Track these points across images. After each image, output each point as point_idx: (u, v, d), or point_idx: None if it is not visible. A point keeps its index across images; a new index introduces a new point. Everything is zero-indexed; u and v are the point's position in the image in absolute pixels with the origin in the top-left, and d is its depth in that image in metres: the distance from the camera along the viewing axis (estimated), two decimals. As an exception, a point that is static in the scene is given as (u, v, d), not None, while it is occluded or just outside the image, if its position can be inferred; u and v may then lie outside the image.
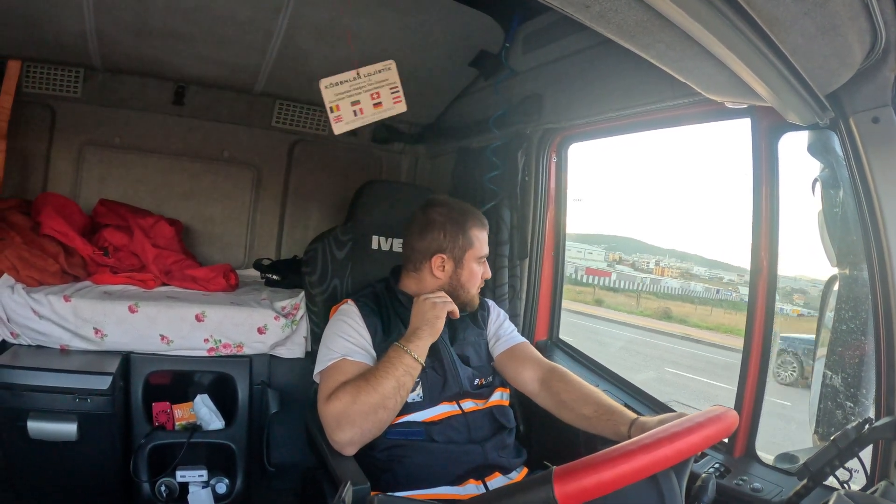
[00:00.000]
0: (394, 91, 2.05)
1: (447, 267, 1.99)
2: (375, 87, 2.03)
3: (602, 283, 37.56)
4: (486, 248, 2.04)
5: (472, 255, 1.99)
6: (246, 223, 3.65)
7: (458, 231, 1.98)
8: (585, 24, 1.09)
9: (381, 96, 2.04)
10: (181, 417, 2.52)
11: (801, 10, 1.08)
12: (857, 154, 1.53)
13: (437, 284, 2.01)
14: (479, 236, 2.01)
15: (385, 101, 2.04)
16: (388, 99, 2.05)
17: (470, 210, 2.04)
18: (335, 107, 2.00)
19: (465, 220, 1.99)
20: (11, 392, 2.17)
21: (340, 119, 2.01)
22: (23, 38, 2.65)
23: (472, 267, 2.00)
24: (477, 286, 2.04)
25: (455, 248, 1.98)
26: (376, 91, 2.03)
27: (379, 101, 2.04)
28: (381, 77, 2.03)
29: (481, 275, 2.04)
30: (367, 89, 2.02)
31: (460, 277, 2.00)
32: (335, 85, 2.00)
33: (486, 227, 2.06)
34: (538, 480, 0.91)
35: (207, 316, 2.54)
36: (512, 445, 1.93)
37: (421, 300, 1.91)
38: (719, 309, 30.14)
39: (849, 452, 1.34)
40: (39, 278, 2.48)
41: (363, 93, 2.02)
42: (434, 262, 1.99)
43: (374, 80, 2.03)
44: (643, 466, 0.97)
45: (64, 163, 3.19)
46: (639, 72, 2.04)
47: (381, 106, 2.04)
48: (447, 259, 1.98)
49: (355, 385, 1.69)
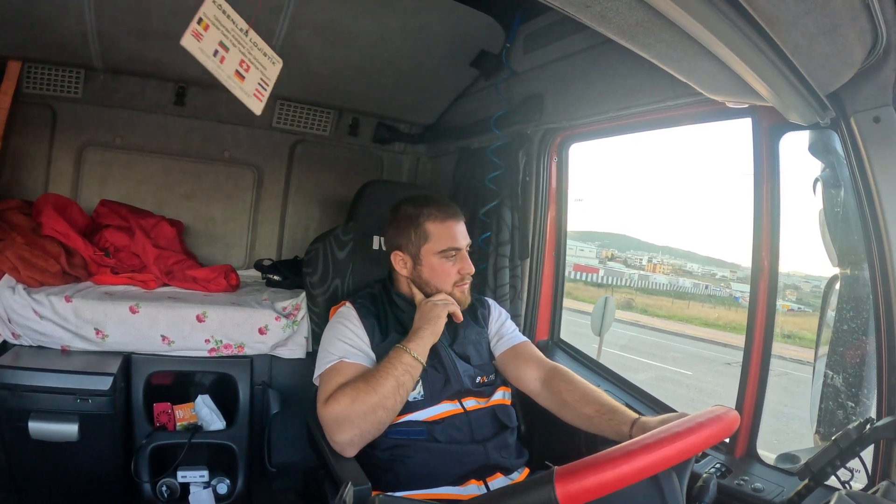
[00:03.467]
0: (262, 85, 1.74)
1: (407, 264, 1.99)
2: (251, 60, 1.71)
3: (590, 279, 37.68)
4: (450, 242, 1.95)
5: (429, 250, 1.94)
6: (247, 223, 3.66)
7: (409, 226, 1.95)
8: (586, 24, 1.09)
9: (249, 72, 1.70)
10: (182, 418, 2.52)
11: (801, 10, 1.08)
12: (858, 154, 1.53)
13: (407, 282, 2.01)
14: (438, 229, 1.94)
15: (247, 81, 1.70)
16: (252, 83, 1.72)
17: (431, 203, 1.98)
18: (204, 24, 1.56)
19: (418, 215, 1.95)
20: (13, 392, 2.17)
21: (197, 37, 1.55)
22: (24, 39, 2.65)
23: (431, 261, 1.95)
24: (451, 283, 1.97)
25: (409, 243, 1.96)
26: (247, 62, 1.69)
27: (241, 74, 1.68)
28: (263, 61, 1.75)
29: (458, 270, 1.97)
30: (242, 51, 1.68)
31: (422, 274, 1.97)
32: (222, 11, 1.61)
33: (453, 218, 1.98)
34: (539, 480, 0.91)
35: (208, 316, 2.54)
36: (514, 445, 1.93)
37: (424, 302, 1.91)
38: (697, 303, 30.44)
39: (850, 452, 1.34)
40: (40, 279, 2.48)
41: (237, 49, 1.66)
42: (394, 259, 2.00)
43: (255, 55, 1.72)
44: (645, 466, 0.97)
45: (65, 163, 3.19)
46: (640, 72, 2.04)
47: (240, 79, 1.68)
48: (404, 255, 1.98)
49: (354, 386, 1.68)
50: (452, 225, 1.96)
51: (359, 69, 2.92)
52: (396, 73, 2.99)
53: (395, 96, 3.36)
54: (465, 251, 1.99)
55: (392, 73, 2.99)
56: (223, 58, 1.64)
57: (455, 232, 1.96)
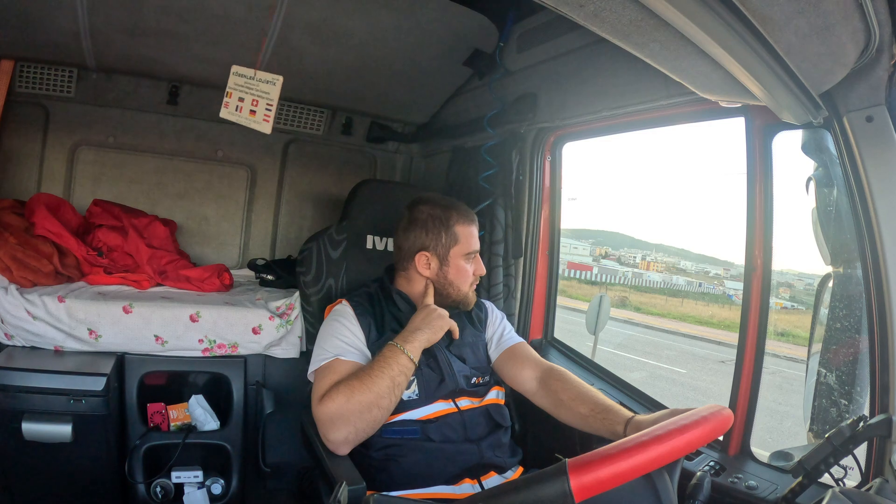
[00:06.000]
0: (268, 108, 2.01)
1: (432, 265, 1.99)
2: (258, 95, 2.01)
3: (584, 276, 37.78)
4: (474, 244, 2.02)
5: (457, 252, 1.99)
6: (240, 223, 3.65)
7: (440, 228, 1.97)
8: (579, 23, 1.09)
9: (258, 106, 2.01)
10: (176, 418, 2.52)
11: (794, 10, 1.08)
12: (851, 153, 1.54)
13: (424, 283, 2.02)
14: (465, 232, 2.00)
15: (258, 113, 2.02)
16: (261, 113, 2.02)
17: (455, 206, 2.02)
18: (229, 93, 2.03)
19: (448, 217, 1.98)
20: (6, 393, 2.17)
21: (227, 106, 2.03)
22: (16, 38, 2.63)
23: (458, 264, 1.99)
24: (469, 283, 2.03)
25: (438, 245, 1.98)
26: (256, 99, 2.01)
27: (254, 110, 2.02)
28: (265, 88, 2.01)
29: (473, 271, 2.03)
30: (253, 93, 2.02)
31: (447, 275, 1.99)
32: (239, 75, 2.03)
33: (474, 222, 2.04)
34: (552, 472, 0.91)
35: (202, 316, 2.54)
36: (507, 444, 1.93)
37: (431, 308, 1.91)
38: (691, 301, 30.62)
39: (843, 450, 1.35)
40: (33, 279, 2.47)
41: (249, 94, 2.02)
42: (419, 260, 2.00)
43: (260, 88, 2.02)
44: (657, 457, 0.98)
45: (57, 163, 3.18)
46: (633, 71, 2.04)
47: (253, 115, 2.02)
48: (431, 257, 1.99)
49: (349, 384, 1.68)
50: (474, 229, 2.04)
51: (352, 68, 2.92)
52: (390, 72, 2.98)
53: (388, 95, 3.35)
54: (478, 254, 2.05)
55: (385, 72, 2.98)
56: (241, 108, 2.02)
57: (476, 235, 2.04)
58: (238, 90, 1.98)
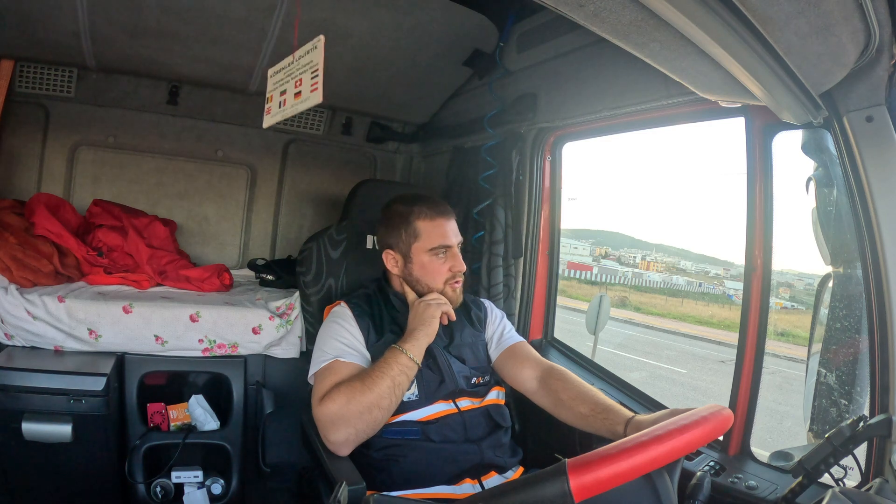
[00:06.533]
0: (314, 76, 1.62)
1: (398, 262, 1.99)
2: (301, 72, 1.67)
3: (584, 276, 37.80)
4: (439, 240, 1.95)
5: (419, 248, 1.95)
6: (240, 223, 3.65)
7: (400, 224, 1.96)
8: (580, 23, 1.09)
9: (302, 83, 1.66)
10: (176, 418, 2.52)
11: (794, 10, 1.08)
12: (851, 153, 1.54)
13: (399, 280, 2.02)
14: (428, 227, 1.95)
15: (304, 90, 1.65)
16: (308, 86, 1.65)
17: (420, 200, 1.99)
18: (270, 97, 1.78)
19: (409, 213, 1.95)
20: (6, 393, 2.17)
21: (269, 112, 1.78)
22: (16, 38, 2.63)
23: (421, 259, 1.95)
24: (442, 280, 1.97)
25: (399, 242, 1.97)
26: (299, 78, 1.68)
27: (299, 91, 1.67)
28: (307, 60, 1.65)
29: (449, 268, 1.97)
30: (294, 75, 1.70)
31: (412, 272, 1.97)
32: (276, 73, 1.77)
33: (444, 216, 1.98)
34: (552, 472, 0.91)
35: (202, 316, 2.54)
36: (508, 444, 1.93)
37: (417, 303, 1.91)
38: (691, 301, 30.66)
39: (843, 450, 1.35)
40: (33, 279, 2.47)
41: (290, 80, 1.72)
42: (385, 258, 2.01)
43: (301, 64, 1.68)
44: (657, 457, 0.98)
45: (57, 163, 3.18)
46: (633, 71, 2.04)
47: (300, 96, 1.67)
48: (395, 254, 1.99)
49: (350, 385, 1.68)
50: (443, 223, 1.97)
51: (352, 68, 2.92)
52: (390, 72, 2.98)
53: (388, 95, 3.35)
54: (456, 249, 1.99)
55: (385, 72, 2.98)
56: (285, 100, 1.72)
57: (446, 230, 1.96)
58: (278, 87, 1.76)
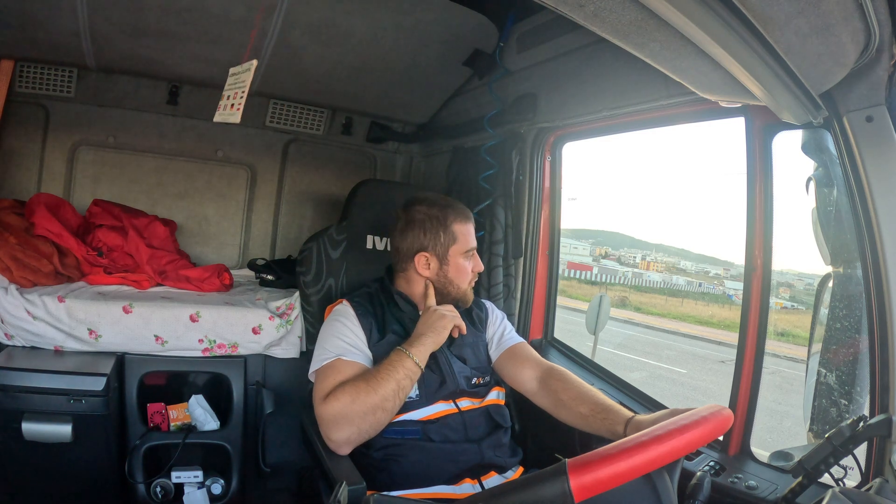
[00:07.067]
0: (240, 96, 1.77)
1: (432, 265, 2.00)
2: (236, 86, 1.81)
3: (584, 276, 37.82)
4: (472, 242, 2.03)
5: (456, 251, 2.00)
6: (240, 223, 3.65)
7: (438, 228, 1.98)
8: (580, 23, 1.09)
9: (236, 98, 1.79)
10: (176, 418, 2.52)
11: (794, 10, 1.08)
12: (851, 153, 1.54)
13: (423, 283, 2.02)
14: (463, 230, 2.01)
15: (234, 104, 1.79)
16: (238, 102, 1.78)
17: (451, 205, 2.03)
18: (223, 96, 1.86)
19: (445, 216, 1.99)
20: (6, 393, 2.16)
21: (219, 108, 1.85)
22: (16, 38, 2.63)
23: (458, 262, 2.00)
24: (468, 281, 2.04)
25: (437, 245, 1.98)
26: (235, 91, 1.80)
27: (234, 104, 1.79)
28: (241, 78, 1.80)
29: (472, 268, 2.04)
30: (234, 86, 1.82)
31: (447, 274, 2.00)
32: (231, 75, 1.86)
33: (471, 220, 2.05)
34: (552, 472, 0.91)
35: (202, 316, 2.54)
36: (508, 445, 1.93)
37: (431, 311, 1.92)
38: (691, 301, 30.70)
39: (844, 450, 1.35)
40: (33, 279, 2.47)
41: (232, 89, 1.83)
42: (418, 260, 2.01)
43: (239, 79, 1.81)
44: (657, 457, 0.98)
45: (57, 163, 3.18)
46: (633, 71, 2.04)
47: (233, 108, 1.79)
48: (431, 257, 2.00)
49: (354, 385, 1.68)
50: (471, 226, 2.05)
51: (352, 68, 2.92)
52: (390, 72, 2.98)
53: (388, 95, 3.35)
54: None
55: (385, 72, 2.98)
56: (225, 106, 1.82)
57: (472, 232, 2.05)
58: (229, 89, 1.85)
